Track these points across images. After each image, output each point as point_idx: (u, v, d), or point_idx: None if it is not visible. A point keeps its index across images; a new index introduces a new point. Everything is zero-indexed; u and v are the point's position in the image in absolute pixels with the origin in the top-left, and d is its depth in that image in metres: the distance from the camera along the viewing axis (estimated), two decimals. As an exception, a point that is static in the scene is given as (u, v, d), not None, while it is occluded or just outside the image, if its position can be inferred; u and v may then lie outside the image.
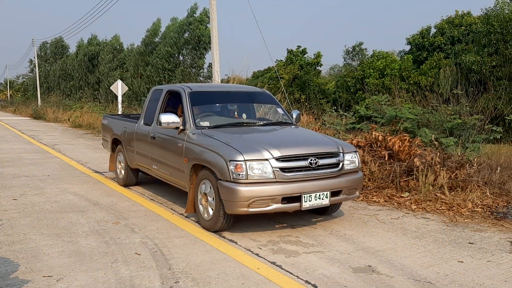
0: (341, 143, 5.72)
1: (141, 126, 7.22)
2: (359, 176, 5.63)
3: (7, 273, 4.04)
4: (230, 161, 4.89)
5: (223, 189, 4.95)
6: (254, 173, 4.86)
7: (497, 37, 22.15)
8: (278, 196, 4.90)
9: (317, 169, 5.16)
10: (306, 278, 4.01)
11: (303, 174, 5.07)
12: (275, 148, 5.01)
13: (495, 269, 4.28)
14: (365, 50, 42.58)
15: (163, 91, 6.89)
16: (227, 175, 4.90)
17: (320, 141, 5.73)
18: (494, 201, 6.47)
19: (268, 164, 4.90)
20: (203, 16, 26.16)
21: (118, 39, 34.38)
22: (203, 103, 6.52)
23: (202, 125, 5.90)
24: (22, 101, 51.36)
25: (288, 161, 5.01)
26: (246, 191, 4.80)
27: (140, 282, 3.89)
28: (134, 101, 26.94)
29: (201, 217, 5.50)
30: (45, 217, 5.94)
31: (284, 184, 4.94)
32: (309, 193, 5.04)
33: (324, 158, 5.25)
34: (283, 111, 6.93)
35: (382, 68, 28.46)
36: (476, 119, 8.91)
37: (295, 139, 5.90)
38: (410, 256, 4.58)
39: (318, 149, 5.30)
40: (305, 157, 5.11)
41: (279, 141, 5.57)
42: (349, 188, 5.45)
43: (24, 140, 16.49)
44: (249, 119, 6.76)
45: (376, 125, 9.32)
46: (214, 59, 12.95)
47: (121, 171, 8.04)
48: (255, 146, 5.07)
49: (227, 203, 4.94)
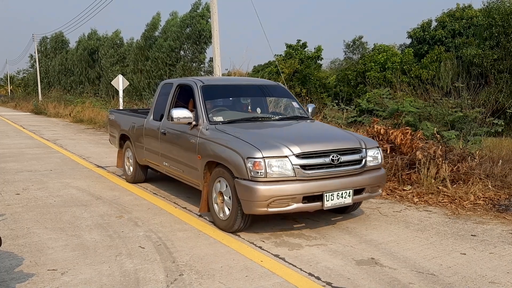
0: (363, 138, 5.47)
1: (150, 121, 7.00)
2: (382, 173, 5.41)
3: (11, 267, 4.07)
4: (247, 158, 4.65)
5: (240, 188, 4.72)
6: (273, 171, 4.62)
7: (498, 30, 22.08)
8: (299, 195, 4.67)
9: (339, 166, 4.91)
10: (309, 271, 4.03)
11: (325, 171, 4.82)
12: (295, 144, 4.78)
13: (498, 260, 4.29)
14: (366, 43, 42.52)
15: (173, 85, 6.67)
16: (244, 173, 4.67)
17: (341, 136, 5.51)
18: (496, 193, 6.48)
19: (288, 161, 4.67)
20: (205, 11, 26.09)
21: (118, 34, 34.31)
22: (216, 97, 6.27)
23: (215, 120, 5.66)
24: (23, 97, 51.30)
25: (309, 158, 4.78)
26: (265, 190, 4.57)
27: (144, 275, 3.91)
28: (134, 96, 26.92)
29: (216, 217, 5.27)
30: (49, 211, 5.96)
31: (305, 183, 4.71)
32: (331, 191, 4.80)
33: (346, 154, 5.01)
34: (298, 105, 6.68)
35: (383, 61, 28.37)
36: (477, 112, 8.92)
37: (315, 134, 5.65)
38: (412, 249, 4.60)
39: (340, 145, 5.06)
40: (327, 154, 4.86)
41: (299, 136, 5.28)
42: (372, 186, 5.22)
43: (25, 135, 16.50)
44: (263, 114, 6.52)
45: (378, 119, 9.32)
46: (215, 53, 12.92)
47: (129, 167, 7.83)
48: (274, 143, 4.84)
49: (245, 202, 4.71)
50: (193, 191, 6.94)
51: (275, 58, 29.85)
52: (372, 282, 3.80)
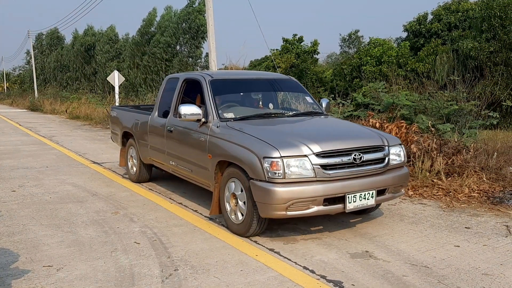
0: (385, 135, 5.16)
1: (155, 118, 6.69)
2: (405, 172, 5.11)
3: (7, 263, 4.08)
4: (264, 158, 4.34)
5: (256, 189, 4.42)
6: (292, 171, 4.31)
7: (496, 21, 22.04)
8: (320, 197, 4.36)
9: (362, 166, 4.61)
10: (304, 264, 4.05)
11: (347, 171, 4.51)
12: (314, 143, 4.47)
13: (491, 253, 4.32)
14: (361, 37, 42.49)
15: (180, 79, 6.35)
16: (260, 174, 4.36)
17: (363, 133, 5.16)
18: (491, 186, 6.51)
19: (307, 160, 4.36)
20: (201, 6, 26.01)
21: (114, 29, 34.15)
22: (226, 92, 5.95)
23: (226, 117, 5.33)
24: (19, 93, 51.08)
25: (329, 157, 4.46)
26: (284, 192, 4.26)
27: (139, 270, 3.93)
28: (131, 91, 26.83)
29: (228, 220, 4.97)
30: (44, 208, 5.96)
31: (326, 184, 4.40)
32: (354, 193, 4.50)
33: (369, 152, 4.71)
34: (312, 100, 6.35)
35: (379, 55, 28.37)
36: (472, 105, 8.94)
37: (335, 131, 5.30)
38: (407, 241, 4.63)
39: (362, 143, 4.75)
40: (348, 152, 4.56)
41: (318, 134, 4.94)
42: (395, 186, 4.92)
43: (21, 132, 16.46)
44: (276, 110, 6.17)
45: (373, 112, 9.34)
46: (211, 48, 12.89)
47: (132, 166, 7.56)
48: (292, 141, 4.52)
49: (262, 205, 4.40)
50: (189, 186, 6.96)
51: (271, 52, 29.80)
52: (366, 275, 3.82)
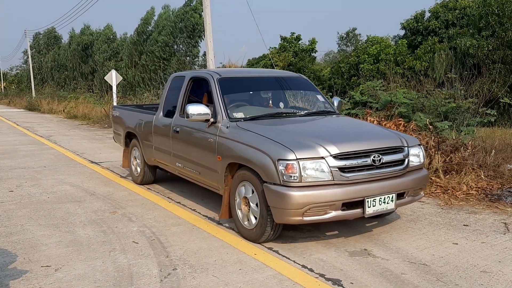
0: (404, 135, 4.96)
1: (160, 118, 6.48)
2: (425, 174, 4.89)
3: (5, 264, 4.07)
4: (278, 160, 4.13)
5: (270, 194, 4.21)
6: (308, 174, 4.11)
7: (494, 18, 22.03)
8: (338, 202, 4.15)
9: (381, 168, 4.41)
10: (302, 263, 4.05)
11: (366, 174, 4.31)
12: (331, 144, 4.25)
13: (489, 250, 4.33)
14: (359, 35, 42.52)
15: (186, 78, 6.17)
16: (275, 177, 4.16)
17: (381, 133, 4.97)
18: (489, 183, 6.52)
19: (324, 163, 4.15)
20: (198, 4, 25.99)
21: (111, 29, 34.10)
22: (235, 91, 5.74)
23: (236, 117, 5.13)
24: (16, 93, 50.96)
25: (348, 159, 4.25)
26: (300, 197, 4.06)
27: (138, 270, 3.92)
28: (128, 90, 26.80)
29: (240, 225, 4.77)
30: (42, 208, 5.95)
31: (344, 187, 4.18)
32: (373, 196, 4.30)
33: (388, 154, 4.50)
34: (323, 98, 6.12)
35: (376, 53, 28.38)
36: (470, 102, 8.94)
37: (351, 131, 5.07)
38: (405, 239, 4.63)
39: (381, 144, 4.54)
40: (367, 154, 4.35)
41: (334, 134, 4.73)
42: (415, 189, 4.73)
43: (19, 132, 16.43)
44: (287, 109, 5.96)
45: (371, 111, 9.34)
46: (208, 47, 12.88)
47: (136, 168, 7.33)
48: (307, 142, 4.31)
49: (277, 210, 4.20)
50: (187, 186, 6.96)
51: (269, 51, 29.77)
52: (365, 273, 3.82)
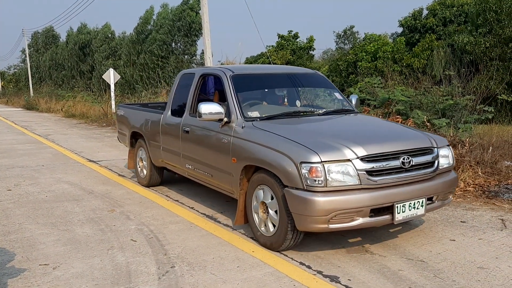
0: (432, 135, 4.63)
1: (168, 117, 6.18)
2: (454, 177, 4.58)
3: (3, 262, 4.07)
4: (301, 163, 3.83)
5: (292, 199, 3.90)
6: (334, 178, 3.80)
7: (492, 16, 22.05)
8: (366, 208, 3.85)
9: (410, 171, 4.12)
10: (300, 260, 4.06)
11: (395, 177, 4.01)
12: (358, 145, 3.95)
13: (486, 246, 4.35)
14: (357, 33, 42.55)
15: (196, 75, 5.88)
16: (297, 181, 3.86)
17: (408, 133, 4.66)
18: (486, 180, 6.54)
19: (351, 165, 3.85)
20: (195, 3, 25.97)
21: (110, 27, 34.05)
22: (249, 88, 5.45)
23: (251, 116, 4.83)
24: (14, 92, 50.86)
25: (376, 161, 3.95)
26: (325, 203, 3.76)
27: (136, 267, 3.93)
28: (126, 89, 26.78)
29: (257, 231, 4.49)
30: (40, 206, 5.95)
31: (372, 192, 3.88)
32: (403, 201, 4.00)
33: (418, 155, 4.22)
34: (341, 96, 5.80)
35: (374, 51, 28.42)
36: (468, 99, 8.95)
37: (377, 132, 4.72)
38: (402, 236, 4.64)
39: (410, 145, 4.24)
40: (396, 156, 4.05)
41: (358, 135, 4.39)
42: (444, 193, 4.44)
43: (17, 131, 16.41)
44: (305, 107, 5.63)
45: (369, 108, 9.35)
46: (206, 45, 12.88)
47: (142, 169, 7.08)
48: (332, 143, 4.01)
49: (300, 217, 3.89)
50: (185, 183, 6.97)
51: (267, 49, 29.77)
52: (362, 270, 3.83)
